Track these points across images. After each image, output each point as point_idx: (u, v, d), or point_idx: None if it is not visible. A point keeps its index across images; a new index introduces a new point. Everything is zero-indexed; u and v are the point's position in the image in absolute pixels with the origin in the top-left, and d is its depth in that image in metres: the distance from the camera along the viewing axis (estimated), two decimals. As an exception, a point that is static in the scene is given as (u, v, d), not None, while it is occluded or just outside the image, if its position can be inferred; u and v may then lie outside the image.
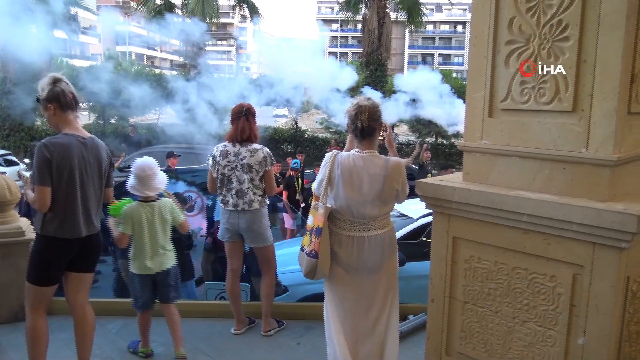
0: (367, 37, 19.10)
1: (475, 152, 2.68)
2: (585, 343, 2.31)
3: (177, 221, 3.56)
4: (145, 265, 3.44)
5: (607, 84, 2.21)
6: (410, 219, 5.96)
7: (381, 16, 18.81)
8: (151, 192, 3.41)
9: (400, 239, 5.57)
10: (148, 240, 3.42)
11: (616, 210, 2.14)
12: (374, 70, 19.12)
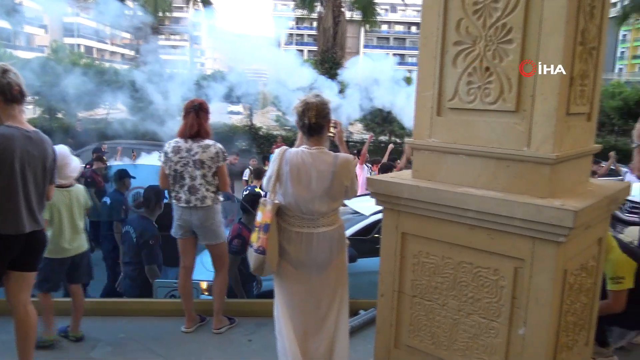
0: (322, 35, 19.19)
1: (424, 150, 2.75)
2: (526, 333, 2.41)
3: (87, 206, 3.77)
4: (64, 248, 3.57)
5: (548, 86, 2.31)
6: (362, 215, 6.03)
7: (336, 15, 18.94)
8: (64, 181, 3.50)
9: (352, 235, 5.63)
10: (68, 223, 3.58)
11: (554, 206, 2.24)
12: (329, 68, 19.22)
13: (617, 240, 3.41)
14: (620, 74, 52.96)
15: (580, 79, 2.50)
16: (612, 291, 3.33)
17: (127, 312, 4.19)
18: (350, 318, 4.00)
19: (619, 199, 2.78)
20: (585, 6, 2.41)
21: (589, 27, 2.49)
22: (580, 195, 2.49)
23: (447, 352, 2.69)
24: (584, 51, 2.48)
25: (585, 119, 2.69)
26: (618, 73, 54.91)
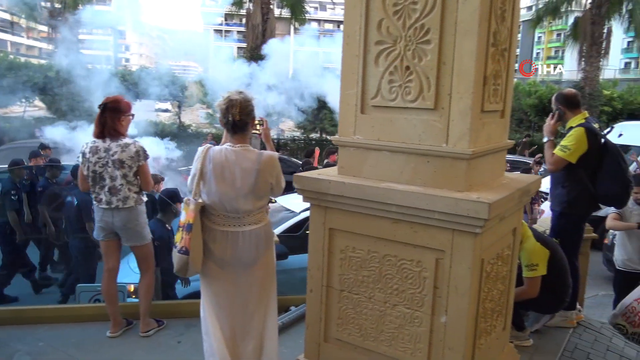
0: (251, 32, 19.04)
1: (349, 147, 2.80)
2: (447, 321, 2.52)
3: None
4: None
5: (463, 85, 2.43)
6: (292, 212, 6.06)
7: (265, 12, 18.83)
8: None
9: (283, 232, 5.65)
10: None
11: (471, 199, 2.35)
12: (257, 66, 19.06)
13: (531, 230, 3.63)
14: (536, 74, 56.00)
15: (493, 78, 2.64)
16: (528, 278, 3.54)
17: (47, 320, 4.00)
18: (282, 315, 4.03)
19: (530, 191, 2.97)
20: (496, 9, 2.55)
21: (501, 29, 2.63)
22: (495, 188, 2.63)
23: (375, 343, 2.77)
24: (496, 52, 2.61)
25: (499, 116, 2.84)
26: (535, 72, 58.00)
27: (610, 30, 21.34)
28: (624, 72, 45.69)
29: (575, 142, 3.71)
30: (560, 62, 53.82)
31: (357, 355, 2.84)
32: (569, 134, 3.77)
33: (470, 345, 2.60)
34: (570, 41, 22.40)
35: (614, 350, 3.91)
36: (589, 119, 3.86)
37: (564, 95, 3.96)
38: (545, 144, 3.94)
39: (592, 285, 7.27)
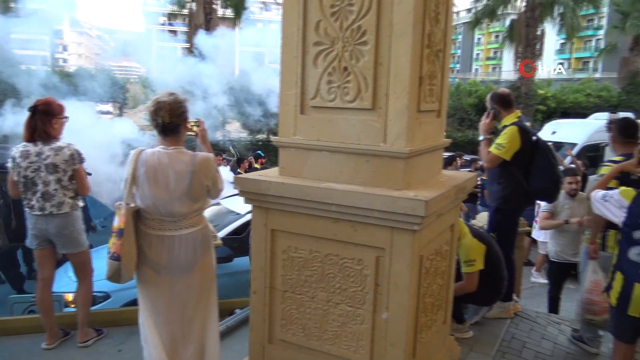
0: (194, 32, 18.70)
1: (289, 147, 2.80)
2: (388, 318, 2.57)
3: None
4: None
5: (399, 85, 2.48)
6: (237, 214, 6.01)
7: (208, 12, 18.56)
8: None
9: (228, 234, 5.59)
10: None
11: (409, 197, 2.40)
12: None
13: (468, 226, 3.74)
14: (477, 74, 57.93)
15: (428, 79, 2.71)
16: (466, 273, 3.65)
17: (-23, 333, 3.80)
18: (226, 318, 3.99)
19: (466, 188, 3.06)
20: (430, 12, 2.61)
21: (435, 31, 2.71)
22: (432, 186, 2.70)
23: (319, 342, 2.78)
24: (431, 53, 2.68)
25: (435, 115, 2.91)
26: (474, 73, 60.00)
27: (544, 33, 22.34)
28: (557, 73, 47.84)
29: (509, 140, 3.86)
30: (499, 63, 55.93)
31: (301, 355, 2.84)
32: (503, 132, 3.92)
33: (412, 340, 2.66)
34: (507, 43, 23.30)
35: (549, 339, 4.10)
36: (521, 117, 4.02)
37: (498, 94, 4.11)
38: (481, 142, 4.08)
39: (528, 275, 7.59)
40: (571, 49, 48.37)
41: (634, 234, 2.75)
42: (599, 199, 2.95)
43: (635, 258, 2.76)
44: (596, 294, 3.63)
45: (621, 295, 2.82)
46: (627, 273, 2.79)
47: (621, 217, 2.81)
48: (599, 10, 32.77)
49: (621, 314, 2.84)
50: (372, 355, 2.64)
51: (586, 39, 49.54)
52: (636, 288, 2.75)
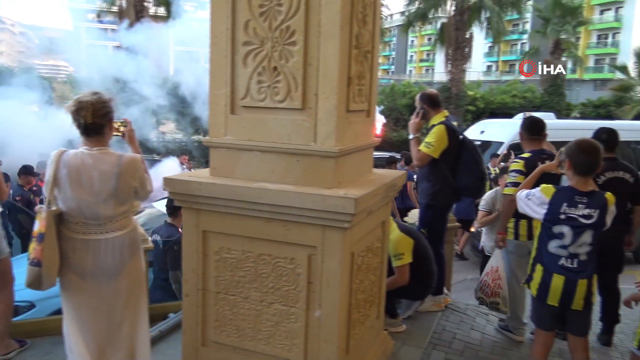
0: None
1: (220, 148, 2.78)
2: (321, 315, 2.60)
3: None
4: None
5: (328, 85, 2.51)
6: (172, 217, 5.87)
7: (139, 9, 18.02)
8: None
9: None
10: None
11: (339, 195, 2.45)
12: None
13: (395, 222, 3.85)
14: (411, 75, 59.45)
15: (357, 79, 2.76)
16: (397, 267, 3.75)
17: None
18: (160, 323, 3.90)
19: (396, 185, 3.15)
20: (357, 13, 2.67)
21: (363, 32, 2.77)
22: (362, 184, 2.76)
23: (252, 342, 2.77)
24: (359, 54, 2.74)
25: (364, 115, 2.98)
26: (409, 74, 61.54)
27: (472, 36, 23.24)
28: (486, 75, 49.90)
29: (437, 139, 3.99)
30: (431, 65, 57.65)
31: (236, 356, 2.83)
32: (432, 132, 4.05)
33: (345, 336, 2.70)
34: (438, 45, 24.06)
35: (477, 329, 4.28)
36: (449, 117, 4.17)
37: (426, 95, 4.25)
38: (411, 141, 4.20)
39: (461, 270, 7.89)
40: (498, 52, 50.55)
41: (553, 229, 2.91)
42: (523, 198, 3.09)
43: (554, 251, 2.93)
44: (491, 279, 3.90)
45: (541, 285, 2.98)
46: (547, 265, 2.96)
47: (542, 213, 2.96)
48: (523, 16, 34.46)
49: (541, 304, 3.01)
50: (306, 352, 2.67)
51: (512, 42, 51.89)
52: (554, 279, 2.92)
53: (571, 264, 2.90)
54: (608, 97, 26.63)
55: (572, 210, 2.87)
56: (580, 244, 2.89)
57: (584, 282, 2.90)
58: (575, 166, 2.92)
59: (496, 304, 4.00)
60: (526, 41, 44.93)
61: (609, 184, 4.16)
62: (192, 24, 11.81)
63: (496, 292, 3.97)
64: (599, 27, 46.29)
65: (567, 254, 2.90)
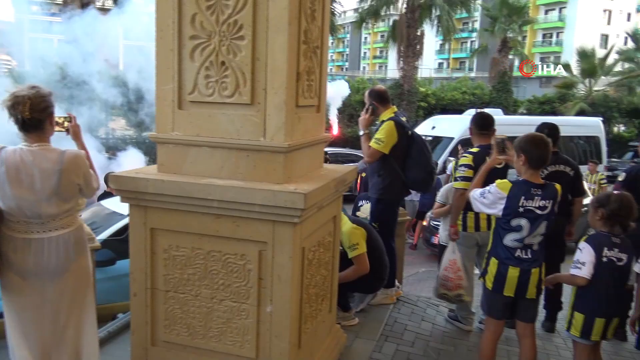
0: (71, 23, 17.50)
1: (168, 144, 2.73)
2: (273, 310, 2.60)
3: None
4: None
5: (277, 80, 2.51)
6: (120, 215, 5.72)
7: (85, 2, 17.44)
8: None
9: (111, 236, 5.33)
10: None
11: (289, 190, 2.45)
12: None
13: (346, 215, 3.89)
14: (364, 72, 60.05)
15: (306, 74, 2.77)
16: (354, 257, 3.77)
17: None
18: (108, 323, 3.80)
19: (347, 180, 3.17)
20: (306, 9, 2.67)
21: (311, 27, 2.77)
22: (312, 179, 2.77)
23: (203, 340, 2.74)
24: (308, 49, 2.75)
25: (314, 110, 2.99)
26: (362, 71, 62.14)
27: (423, 34, 23.66)
28: (437, 72, 50.94)
29: (386, 134, 4.05)
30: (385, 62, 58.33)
31: (186, 355, 2.79)
32: (381, 127, 4.11)
33: (296, 331, 2.71)
34: (391, 42, 24.38)
35: (428, 320, 4.38)
36: (397, 113, 4.23)
37: (375, 91, 4.30)
38: (362, 137, 4.25)
39: (413, 262, 8.05)
40: (449, 49, 51.71)
41: (512, 222, 2.99)
42: (477, 197, 3.13)
43: (510, 244, 3.01)
44: (452, 272, 3.99)
45: (496, 278, 3.06)
46: (502, 258, 3.04)
47: (500, 208, 3.02)
48: (472, 14, 35.39)
49: (496, 295, 3.09)
50: (257, 348, 2.66)
51: (462, 40, 53.20)
52: (510, 271, 3.01)
53: (526, 254, 3.01)
54: (552, 94, 27.72)
55: (530, 202, 2.96)
56: (535, 235, 2.99)
57: (536, 270, 3.02)
58: (530, 160, 3.01)
59: (460, 295, 4.07)
60: (475, 39, 46.17)
61: (551, 176, 4.33)
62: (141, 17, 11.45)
63: (459, 284, 4.00)
64: (544, 26, 48.11)
65: (522, 245, 3.00)
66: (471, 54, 40.59)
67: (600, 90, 27.19)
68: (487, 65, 29.88)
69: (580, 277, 3.05)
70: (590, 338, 3.12)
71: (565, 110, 24.46)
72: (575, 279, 3.08)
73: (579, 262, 3.08)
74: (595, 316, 3.08)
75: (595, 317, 3.08)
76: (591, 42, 32.10)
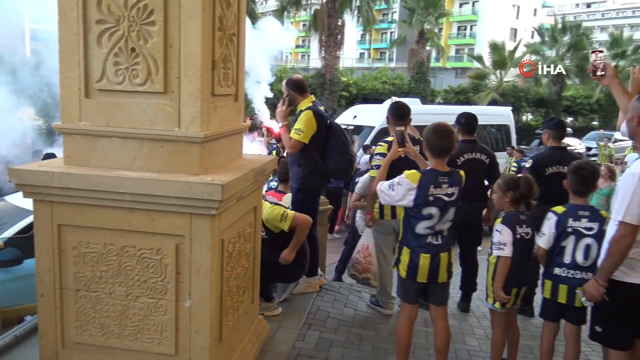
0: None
1: (74, 134, 2.58)
2: (192, 305, 2.54)
3: None
4: None
5: (191, 68, 2.43)
6: (28, 211, 5.36)
7: (-16, -19, 16.10)
8: None
9: (17, 234, 4.98)
10: None
11: (205, 182, 2.39)
12: None
13: (265, 200, 3.88)
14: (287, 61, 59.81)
15: (223, 62, 2.70)
16: (292, 223, 3.80)
17: None
18: (15, 327, 3.56)
19: (266, 170, 3.14)
20: (220, -6, 2.60)
21: (227, 14, 2.70)
22: (231, 170, 2.71)
23: (119, 339, 2.63)
24: (223, 37, 2.68)
25: (232, 99, 2.92)
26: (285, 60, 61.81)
27: (344, 24, 23.88)
28: (359, 62, 51.72)
29: (305, 124, 4.05)
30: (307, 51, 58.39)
31: (101, 356, 2.67)
32: (300, 118, 4.10)
33: (217, 325, 2.66)
34: (312, 32, 24.43)
35: (350, 306, 4.45)
36: (315, 102, 4.25)
37: (293, 81, 4.29)
38: (281, 129, 4.23)
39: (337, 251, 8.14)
40: (370, 40, 52.63)
41: (423, 211, 3.06)
42: (385, 190, 3.16)
43: (421, 231, 3.09)
44: (362, 256, 4.15)
45: (409, 266, 3.13)
46: (413, 246, 3.12)
47: (411, 199, 3.07)
48: (391, 6, 36.16)
49: (409, 282, 3.18)
50: (177, 345, 2.59)
51: (382, 31, 54.20)
52: (422, 258, 3.10)
53: (437, 240, 3.10)
54: (467, 84, 28.99)
55: (438, 190, 3.05)
56: (445, 221, 3.10)
57: (445, 255, 3.13)
58: (433, 149, 3.11)
59: (367, 279, 4.20)
60: (395, 30, 47.27)
61: (468, 164, 4.54)
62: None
63: (367, 268, 4.17)
64: (459, 19, 50.11)
65: (433, 232, 3.10)
66: (391, 45, 41.54)
67: (510, 81, 28.75)
68: (406, 55, 30.69)
69: (506, 257, 3.25)
70: (506, 306, 3.34)
71: (478, 99, 25.69)
72: (506, 261, 3.26)
73: (500, 244, 3.28)
74: (510, 287, 3.29)
75: (510, 288, 3.29)
76: (502, 35, 33.76)
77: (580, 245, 3.10)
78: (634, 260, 2.66)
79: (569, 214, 3.14)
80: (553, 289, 3.20)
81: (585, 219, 3.11)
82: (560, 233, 3.15)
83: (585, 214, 3.11)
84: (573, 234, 3.11)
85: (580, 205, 3.16)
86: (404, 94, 23.71)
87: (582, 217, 3.11)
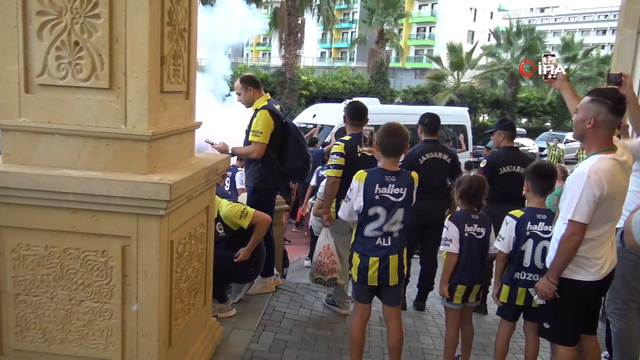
0: None
1: (14, 131, 2.45)
2: (139, 308, 2.45)
3: None
4: None
5: (138, 64, 2.34)
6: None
7: None
8: None
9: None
10: None
11: (153, 181, 2.31)
12: None
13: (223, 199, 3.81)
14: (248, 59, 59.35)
15: (172, 58, 2.63)
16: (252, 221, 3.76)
17: None
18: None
19: (218, 170, 3.08)
20: (169, -12, 2.52)
21: (177, 9, 2.63)
22: (180, 169, 2.64)
23: (62, 345, 2.53)
24: (173, 32, 2.60)
25: (183, 97, 2.85)
26: (246, 58, 61.34)
27: (304, 22, 23.86)
28: (320, 61, 51.75)
29: (263, 124, 4.00)
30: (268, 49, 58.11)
31: (43, 363, 2.56)
32: (256, 118, 4.04)
33: (166, 328, 2.59)
34: (273, 30, 24.31)
35: (306, 306, 4.43)
36: (270, 100, 4.20)
37: (248, 77, 4.25)
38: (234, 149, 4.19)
39: (294, 251, 8.12)
40: (331, 39, 52.76)
41: (369, 211, 3.06)
42: (343, 206, 3.18)
43: (369, 234, 3.08)
44: (325, 257, 4.11)
45: (360, 271, 3.12)
46: (363, 250, 3.11)
47: (360, 200, 3.05)
48: (351, 5, 36.37)
49: (361, 285, 3.18)
50: (123, 350, 2.50)
51: (343, 30, 54.43)
52: (371, 262, 3.08)
53: (386, 242, 3.09)
54: (426, 85, 29.44)
55: (384, 189, 3.05)
56: (394, 222, 3.09)
57: (394, 257, 3.11)
58: (382, 149, 3.11)
59: (334, 279, 4.16)
60: (355, 30, 47.52)
61: (429, 163, 4.60)
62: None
63: (332, 268, 4.11)
64: (418, 20, 50.83)
65: (382, 233, 3.09)
66: (351, 45, 41.77)
67: (467, 83, 29.38)
68: (366, 55, 30.92)
69: (452, 253, 3.33)
70: (453, 302, 3.38)
71: (436, 100, 26.14)
72: (451, 257, 3.34)
73: (447, 240, 3.35)
74: (457, 283, 3.34)
75: (458, 284, 3.35)
76: (459, 37, 34.49)
77: (538, 248, 3.13)
78: (582, 258, 2.73)
79: (527, 217, 3.17)
80: (511, 293, 3.23)
81: (542, 222, 3.14)
82: (520, 237, 3.17)
83: (543, 217, 3.14)
84: (531, 237, 3.14)
85: (538, 209, 3.18)
86: (364, 93, 23.89)
87: (540, 221, 3.14)
